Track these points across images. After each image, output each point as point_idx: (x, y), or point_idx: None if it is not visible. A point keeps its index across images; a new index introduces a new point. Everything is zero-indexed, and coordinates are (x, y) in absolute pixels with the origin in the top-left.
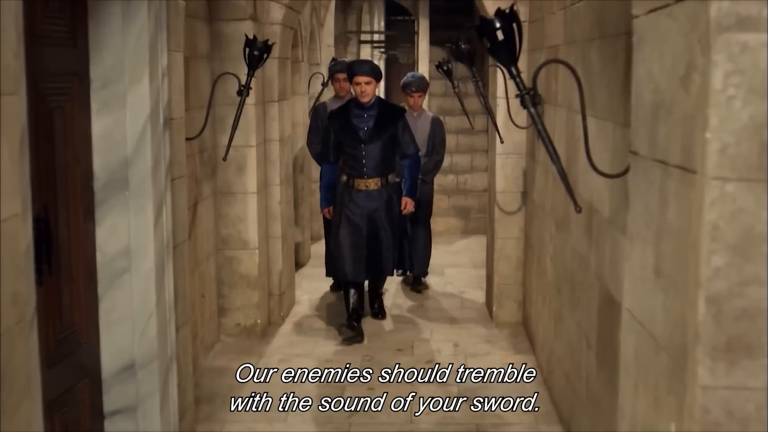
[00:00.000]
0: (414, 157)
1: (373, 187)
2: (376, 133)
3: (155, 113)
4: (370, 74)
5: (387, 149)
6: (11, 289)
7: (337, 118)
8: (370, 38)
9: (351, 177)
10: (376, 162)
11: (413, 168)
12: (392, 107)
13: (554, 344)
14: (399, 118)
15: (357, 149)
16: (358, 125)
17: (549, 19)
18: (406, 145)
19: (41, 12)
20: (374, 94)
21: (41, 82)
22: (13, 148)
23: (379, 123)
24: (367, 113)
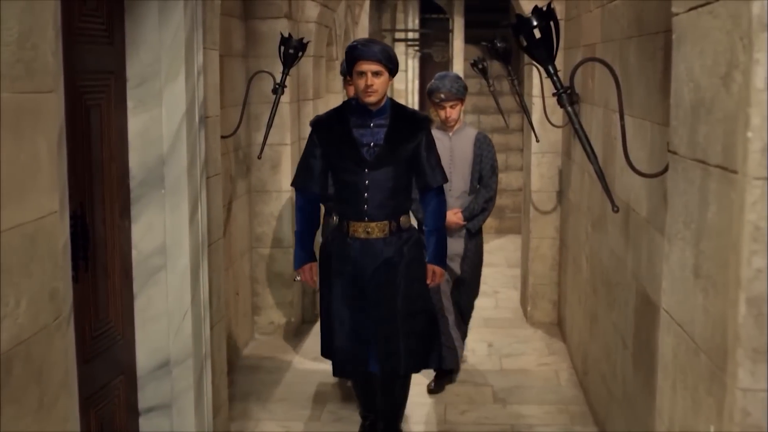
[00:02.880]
0: (440, 193)
1: (378, 234)
2: (387, 153)
3: (191, 111)
4: (381, 60)
5: (401, 177)
6: (49, 286)
7: (329, 128)
8: (405, 36)
9: (345, 218)
10: (384, 196)
11: (439, 211)
12: (412, 115)
13: (589, 345)
14: (421, 130)
15: (357, 176)
16: (359, 139)
17: (585, 17)
18: (431, 172)
19: (78, 10)
20: (386, 93)
21: (78, 80)
22: (51, 145)
23: (392, 137)
24: (374, 121)
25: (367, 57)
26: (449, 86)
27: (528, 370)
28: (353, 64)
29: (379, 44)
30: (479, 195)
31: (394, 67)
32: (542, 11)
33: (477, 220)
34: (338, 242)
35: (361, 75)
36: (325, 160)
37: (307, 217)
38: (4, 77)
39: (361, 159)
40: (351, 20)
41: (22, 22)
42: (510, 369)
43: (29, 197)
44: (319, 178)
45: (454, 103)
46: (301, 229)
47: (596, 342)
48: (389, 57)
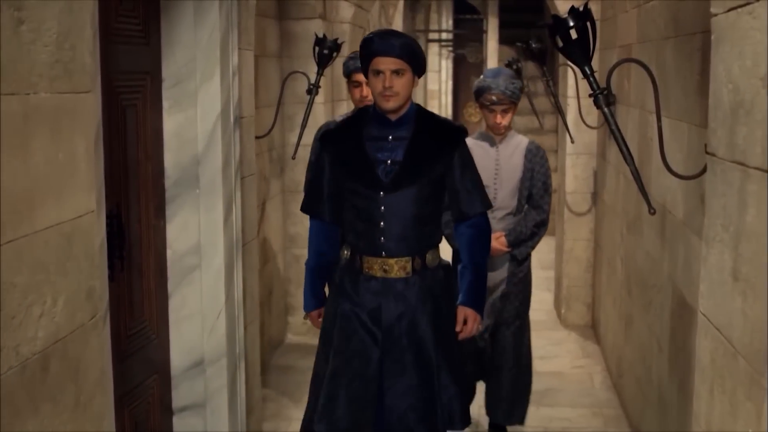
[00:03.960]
0: (480, 222)
1: (398, 273)
2: (409, 172)
3: (226, 111)
4: (403, 55)
5: (427, 203)
6: (86, 285)
7: (338, 140)
8: (438, 37)
9: (358, 252)
10: (405, 226)
11: (478, 242)
12: (442, 124)
13: (624, 347)
14: (454, 144)
15: (370, 200)
16: (374, 155)
17: (621, 17)
18: (467, 196)
19: (115, 10)
20: (409, 98)
21: (115, 80)
22: (88, 145)
23: (416, 152)
24: (393, 133)
25: (385, 52)
26: (504, 87)
27: (562, 372)
28: (368, 61)
29: (401, 36)
30: (528, 216)
31: (419, 64)
32: (579, 12)
33: (525, 247)
34: (349, 281)
35: (378, 74)
36: (334, 181)
37: (321, 248)
38: (43, 77)
39: (375, 180)
40: (385, 20)
41: (61, 22)
42: (544, 371)
43: (67, 196)
44: (330, 203)
45: (507, 107)
46: (314, 264)
47: (631, 345)
48: (413, 51)
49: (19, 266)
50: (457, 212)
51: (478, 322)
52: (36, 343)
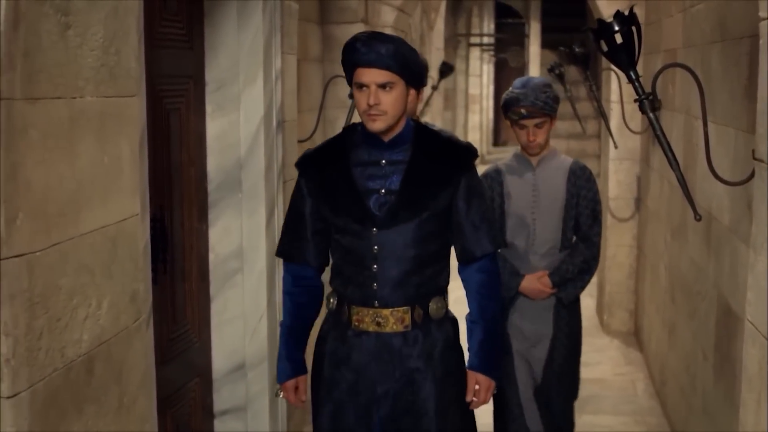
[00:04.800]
0: (490, 265)
1: (394, 327)
2: (406, 204)
3: (269, 115)
4: (391, 65)
5: (430, 241)
6: (130, 288)
7: (320, 167)
8: (480, 41)
9: (346, 302)
10: (403, 269)
11: (489, 290)
12: (446, 144)
13: (667, 355)
14: (461, 169)
15: (360, 238)
16: (364, 184)
17: (666, 22)
18: (474, 233)
19: (159, 15)
20: (403, 115)
21: (159, 84)
22: (133, 149)
23: (414, 180)
24: (387, 157)
25: (369, 62)
26: (533, 97)
27: (604, 379)
28: (351, 72)
29: (390, 40)
30: (575, 252)
31: (414, 74)
32: (624, 16)
33: (572, 287)
34: (336, 337)
35: (362, 89)
36: (318, 216)
37: (300, 301)
38: (89, 82)
39: (366, 213)
40: (426, 25)
41: (107, 27)
42: (586, 378)
43: (112, 200)
44: (314, 243)
45: (540, 120)
46: (290, 323)
47: (675, 352)
48: (404, 60)
49: (64, 269)
50: (463, 252)
51: (492, 390)
52: (81, 345)
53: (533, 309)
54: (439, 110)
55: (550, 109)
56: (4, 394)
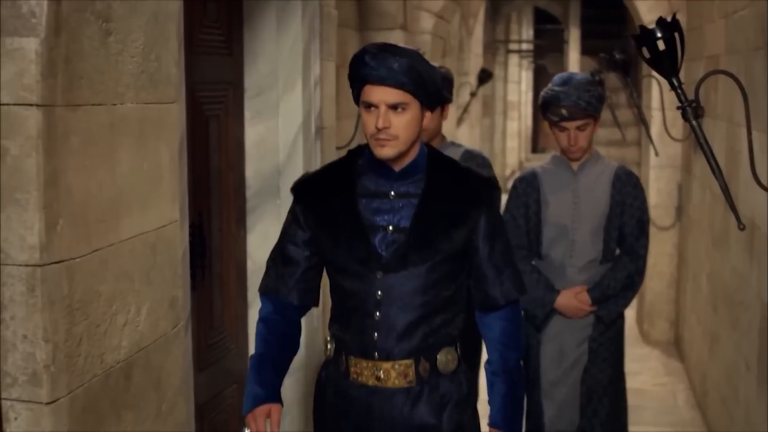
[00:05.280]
0: (513, 313)
1: (397, 382)
2: (417, 244)
3: (307, 121)
4: (404, 83)
5: (442, 286)
6: (169, 294)
7: (321, 196)
8: (518, 47)
9: (343, 350)
10: (409, 319)
11: (512, 340)
12: (465, 176)
13: (709, 366)
14: (481, 205)
15: (364, 282)
16: (370, 218)
17: (708, 28)
18: (496, 278)
19: (199, 21)
20: (416, 140)
21: (198, 90)
22: (173, 155)
23: (427, 216)
24: (397, 188)
25: (379, 78)
26: (576, 96)
27: (644, 390)
28: (358, 89)
29: (403, 54)
30: (618, 266)
31: (431, 95)
32: (667, 22)
33: (614, 305)
34: (336, 391)
35: (370, 109)
36: (313, 251)
37: (279, 333)
38: (129, 88)
39: (370, 253)
40: (465, 31)
41: (147, 33)
42: None
43: (151, 206)
44: (304, 281)
45: (583, 122)
46: (264, 351)
47: (716, 363)
48: (419, 77)
49: (104, 275)
50: (485, 300)
51: None
52: (120, 351)
53: (569, 329)
54: (477, 117)
55: (594, 109)
56: (44, 400)
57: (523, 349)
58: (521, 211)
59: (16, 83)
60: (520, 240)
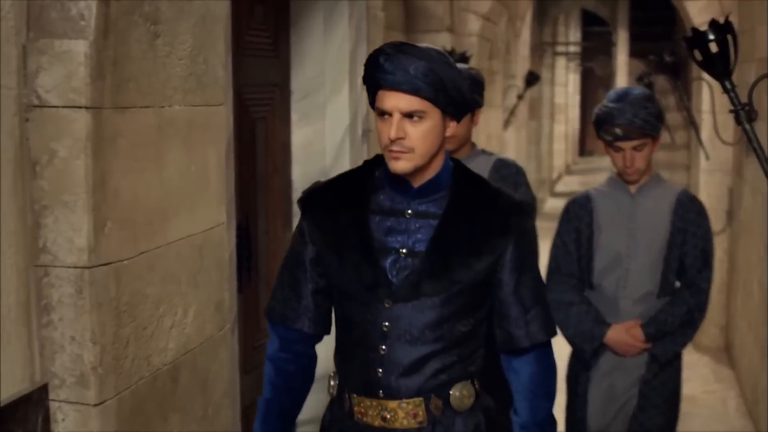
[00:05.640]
0: (542, 356)
1: (405, 422)
2: (436, 271)
3: (354, 124)
4: (422, 88)
5: (460, 320)
6: (215, 297)
7: (329, 210)
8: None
9: (347, 387)
10: (420, 354)
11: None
12: (493, 196)
13: (761, 374)
14: (508, 233)
15: (369, 312)
16: (383, 239)
17: (760, 30)
18: (522, 316)
19: (246, 24)
20: (438, 153)
21: (245, 93)
22: (220, 158)
23: (449, 240)
24: (414, 207)
25: (394, 83)
26: (631, 114)
27: (693, 397)
28: (373, 94)
29: (422, 55)
30: (678, 299)
31: (453, 101)
32: (720, 24)
33: (671, 343)
34: (338, 430)
35: (384, 117)
36: (322, 271)
37: (286, 373)
38: (177, 90)
39: (378, 279)
40: (512, 33)
41: (195, 36)
42: None
43: (199, 208)
44: (314, 305)
45: (640, 142)
46: (272, 396)
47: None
48: (440, 82)
49: (151, 277)
50: (507, 340)
51: None
52: (166, 354)
53: (621, 368)
54: (524, 120)
55: (652, 128)
56: (92, 401)
57: (554, 397)
58: (572, 237)
59: (65, 86)
60: (569, 268)
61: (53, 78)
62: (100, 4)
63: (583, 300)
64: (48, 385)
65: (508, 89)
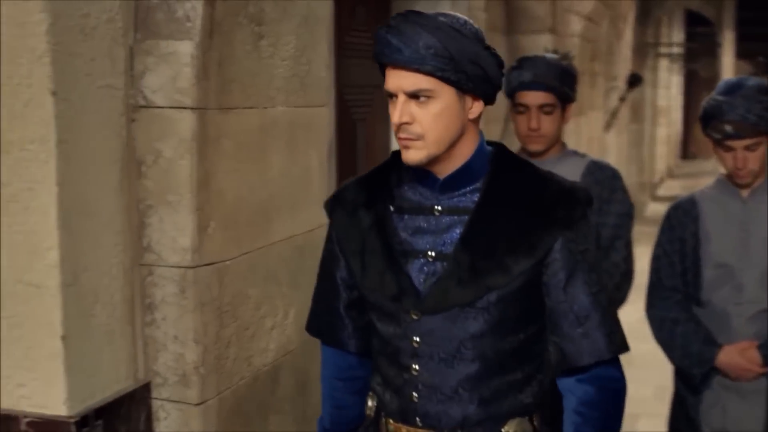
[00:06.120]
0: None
1: None
2: (465, 276)
3: None
4: (427, 64)
5: (504, 335)
6: None
7: (353, 212)
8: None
9: (383, 411)
10: (458, 377)
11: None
12: (539, 185)
13: None
14: (556, 227)
15: (397, 325)
16: (407, 241)
17: None
18: (575, 328)
19: (348, 24)
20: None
21: (346, 94)
22: (321, 159)
23: (480, 240)
24: (445, 202)
25: (395, 59)
26: (744, 109)
27: None
28: (382, 73)
29: (427, 25)
30: None
31: (470, 76)
32: None
33: None
34: None
35: (391, 99)
36: (350, 283)
37: (340, 406)
38: (280, 91)
39: (402, 287)
40: (614, 35)
41: (299, 37)
42: None
43: (300, 209)
44: (349, 319)
45: (753, 141)
46: (329, 424)
47: None
48: (447, 55)
49: (253, 278)
50: (561, 358)
51: None
52: (267, 354)
53: (735, 393)
54: (626, 123)
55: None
56: (193, 401)
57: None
58: (675, 247)
59: (170, 86)
60: (673, 281)
61: (159, 79)
62: (205, 5)
63: (691, 317)
64: (151, 384)
65: (610, 91)
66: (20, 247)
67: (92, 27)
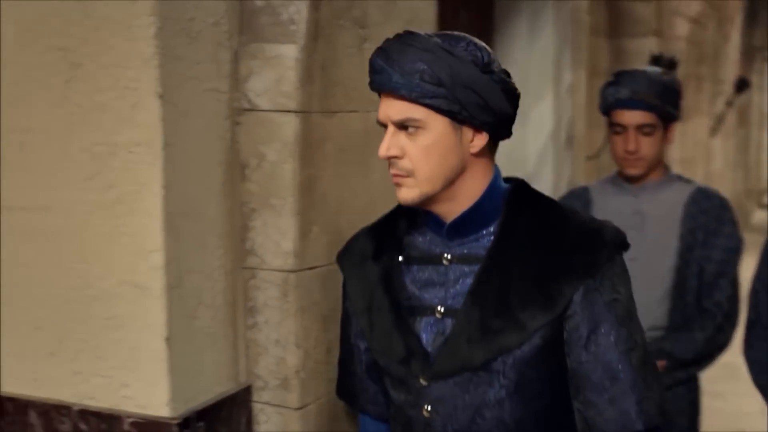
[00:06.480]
0: None
1: None
2: (475, 335)
3: (557, 131)
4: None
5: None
6: None
7: (361, 265)
8: None
9: None
10: None
11: None
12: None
13: None
14: (572, 273)
15: (409, 390)
16: (416, 295)
17: None
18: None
19: (451, 27)
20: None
21: None
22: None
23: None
24: (454, 250)
25: (379, 84)
26: None
27: None
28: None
29: (419, 46)
30: None
31: (467, 104)
32: None
33: None
34: None
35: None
36: (366, 344)
37: None
38: None
39: (410, 349)
40: (721, 38)
41: None
42: None
43: None
44: (370, 382)
45: None
46: None
47: None
48: (436, 81)
49: None
50: (583, 428)
51: None
52: None
53: None
54: (732, 128)
55: None
56: (294, 405)
57: None
58: None
59: (274, 90)
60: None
61: (263, 82)
62: (310, 8)
63: None
64: (251, 387)
65: (716, 96)
66: (125, 249)
67: (198, 30)
